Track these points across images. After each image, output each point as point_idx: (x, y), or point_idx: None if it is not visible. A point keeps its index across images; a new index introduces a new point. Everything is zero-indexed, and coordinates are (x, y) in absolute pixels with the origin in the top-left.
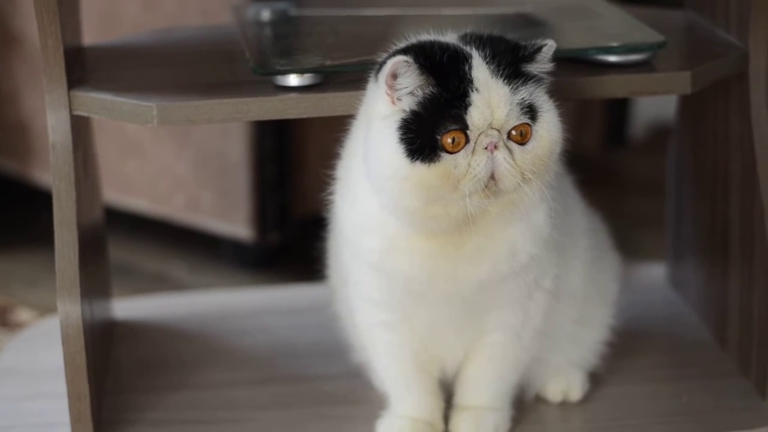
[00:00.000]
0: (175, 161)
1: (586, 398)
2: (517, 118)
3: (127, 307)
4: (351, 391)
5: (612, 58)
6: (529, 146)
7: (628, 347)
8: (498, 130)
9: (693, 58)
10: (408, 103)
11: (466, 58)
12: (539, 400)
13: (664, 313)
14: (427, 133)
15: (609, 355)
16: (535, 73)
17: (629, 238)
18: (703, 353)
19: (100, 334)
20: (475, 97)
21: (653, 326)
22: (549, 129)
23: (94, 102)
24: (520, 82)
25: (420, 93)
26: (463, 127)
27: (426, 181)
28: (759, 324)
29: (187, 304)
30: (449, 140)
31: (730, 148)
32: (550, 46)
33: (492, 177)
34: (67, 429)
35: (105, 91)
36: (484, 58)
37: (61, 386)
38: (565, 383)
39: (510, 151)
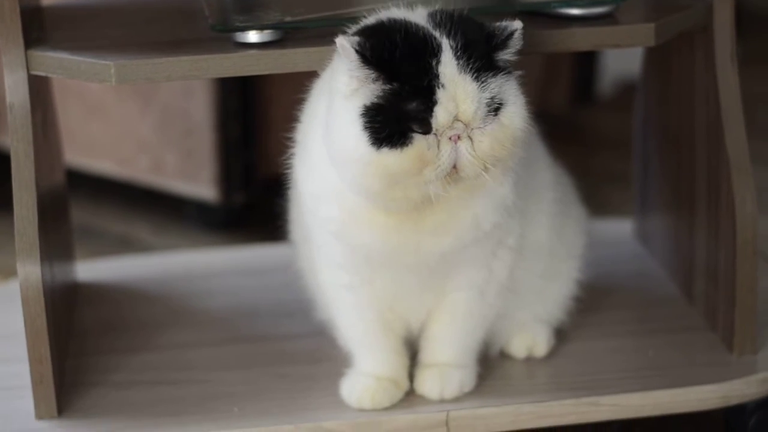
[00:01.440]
0: (138, 123)
1: (552, 354)
2: (483, 116)
3: (90, 270)
4: (314, 350)
5: (575, 11)
6: (494, 128)
7: (594, 303)
8: (464, 123)
9: (657, 10)
10: (370, 91)
11: (434, 52)
12: (504, 356)
13: (631, 269)
14: (392, 123)
15: (575, 311)
16: (506, 62)
17: (597, 194)
18: (670, 308)
19: (61, 297)
20: (441, 95)
21: (620, 282)
22: (513, 119)
23: (51, 61)
24: (490, 75)
25: (378, 85)
26: (427, 130)
27: (392, 167)
28: (725, 277)
29: (151, 266)
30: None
31: (696, 101)
32: (520, 30)
33: (454, 166)
34: (29, 392)
35: (63, 50)
36: (455, 50)
37: (23, 349)
38: (530, 339)
39: (472, 140)
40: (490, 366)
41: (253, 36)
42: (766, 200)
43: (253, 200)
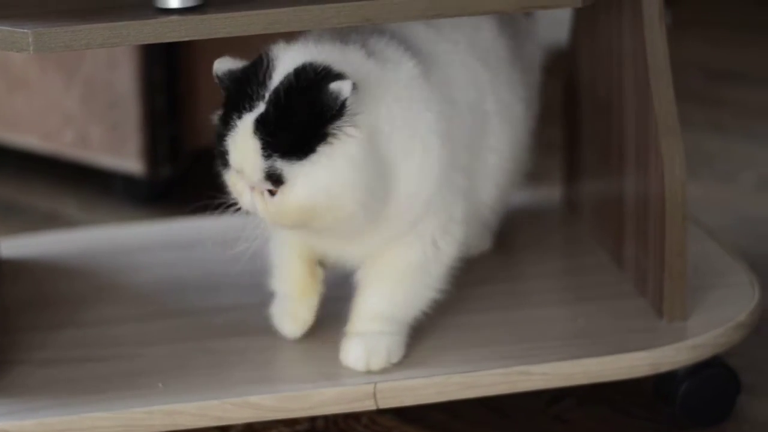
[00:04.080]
0: (63, 96)
1: (481, 324)
2: (264, 183)
3: (14, 246)
4: (241, 323)
5: None
6: (276, 200)
7: (523, 272)
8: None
9: None
10: None
11: (246, 105)
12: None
13: (560, 236)
14: (219, 142)
15: (504, 278)
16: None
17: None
18: (600, 275)
19: None
20: (231, 145)
21: (549, 250)
22: (295, 198)
23: None
24: (286, 149)
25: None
26: (226, 165)
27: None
28: (654, 243)
29: (76, 241)
30: None
31: (624, 63)
32: (351, 98)
33: None
34: None
35: None
36: (262, 113)
37: None
38: None
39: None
40: (419, 336)
41: (173, 1)
42: (695, 165)
43: (179, 173)
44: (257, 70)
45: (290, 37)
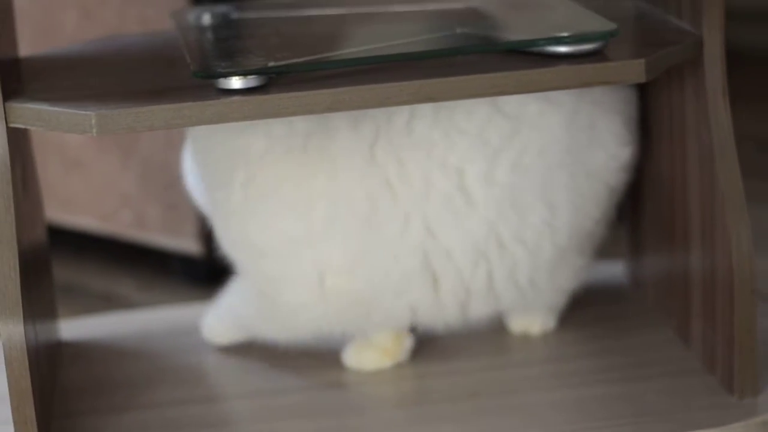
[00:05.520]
0: (120, 176)
1: (541, 404)
2: None
3: (73, 327)
4: (307, 404)
5: (563, 49)
6: None
7: (586, 348)
8: None
9: (646, 45)
10: None
11: None
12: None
13: (624, 312)
14: None
15: (567, 356)
16: None
17: None
18: (666, 351)
19: (46, 357)
20: None
21: (613, 326)
22: None
23: (30, 113)
24: None
25: None
26: None
27: None
28: (723, 318)
29: (134, 322)
30: None
31: (687, 137)
32: None
33: None
34: None
35: (42, 101)
36: None
37: (7, 412)
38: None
39: None
40: (482, 417)
41: (236, 82)
42: (761, 239)
43: None
44: None
45: None
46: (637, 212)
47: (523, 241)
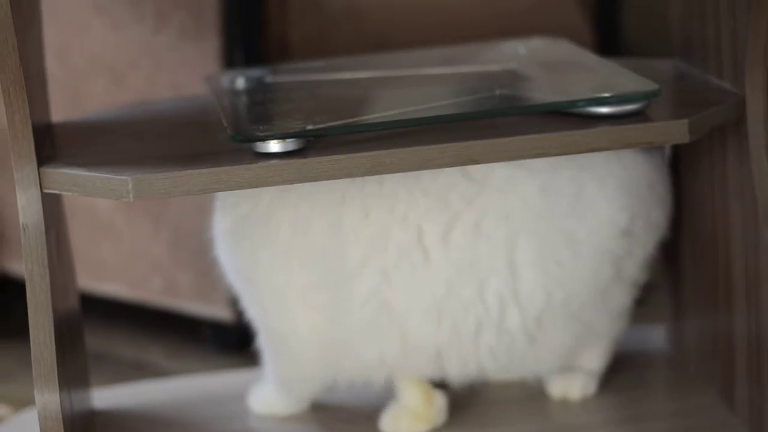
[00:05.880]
0: (150, 243)
1: None
2: None
3: (106, 396)
4: None
5: (604, 110)
6: None
7: (628, 414)
8: None
9: (688, 105)
10: None
11: None
12: None
13: (666, 376)
14: None
15: (609, 421)
16: None
17: None
18: (710, 416)
19: (80, 426)
20: None
21: (654, 390)
22: None
23: (65, 178)
24: None
25: None
26: None
27: None
28: None
29: (167, 391)
30: None
31: (729, 197)
32: None
33: None
34: None
35: (76, 166)
36: None
37: None
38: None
39: None
40: None
41: (274, 146)
42: None
43: None
44: None
45: None
46: (678, 274)
47: (486, 305)
